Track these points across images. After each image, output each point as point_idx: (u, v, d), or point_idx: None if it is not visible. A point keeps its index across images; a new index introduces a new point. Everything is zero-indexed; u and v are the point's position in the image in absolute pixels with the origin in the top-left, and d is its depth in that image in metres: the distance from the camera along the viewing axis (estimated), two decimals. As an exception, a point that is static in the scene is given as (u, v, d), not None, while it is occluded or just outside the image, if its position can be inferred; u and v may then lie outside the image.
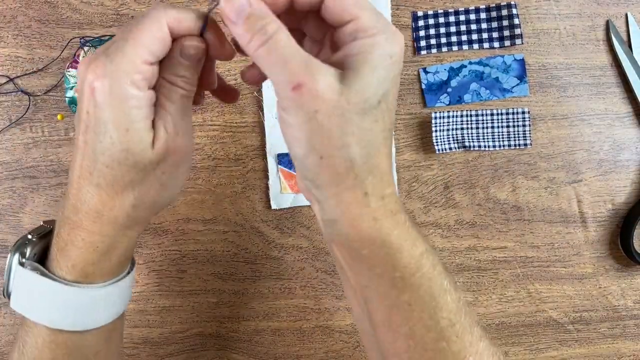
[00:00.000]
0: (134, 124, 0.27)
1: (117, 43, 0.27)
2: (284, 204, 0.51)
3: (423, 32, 0.51)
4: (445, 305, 0.29)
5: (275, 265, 0.52)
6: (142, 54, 0.26)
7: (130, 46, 0.26)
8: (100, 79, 0.26)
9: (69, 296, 0.30)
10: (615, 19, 0.51)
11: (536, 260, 0.52)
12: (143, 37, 0.26)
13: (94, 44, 0.47)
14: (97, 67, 0.26)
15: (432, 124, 0.50)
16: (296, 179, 0.31)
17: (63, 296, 0.30)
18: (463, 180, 0.52)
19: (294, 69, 0.25)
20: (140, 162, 0.28)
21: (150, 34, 0.27)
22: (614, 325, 0.52)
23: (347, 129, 0.26)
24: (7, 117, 0.50)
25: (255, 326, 0.52)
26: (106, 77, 0.26)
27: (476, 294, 0.52)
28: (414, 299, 0.29)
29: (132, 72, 0.26)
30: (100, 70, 0.26)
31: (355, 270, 0.30)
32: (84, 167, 0.29)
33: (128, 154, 0.27)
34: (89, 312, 0.31)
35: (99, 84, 0.26)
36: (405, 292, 0.29)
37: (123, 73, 0.26)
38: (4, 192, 0.50)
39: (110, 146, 0.27)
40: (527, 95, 0.51)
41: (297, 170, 0.29)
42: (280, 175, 0.51)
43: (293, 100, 0.25)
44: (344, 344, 0.52)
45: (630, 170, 0.52)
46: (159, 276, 0.52)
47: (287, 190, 0.51)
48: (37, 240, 0.31)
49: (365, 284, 0.29)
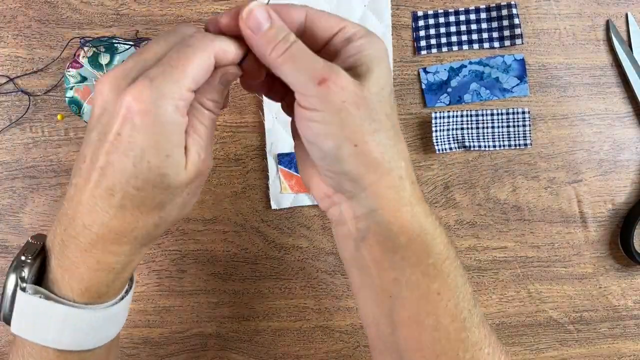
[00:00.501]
0: (174, 149, 0.27)
1: (163, 68, 0.27)
2: (284, 204, 0.51)
3: (423, 32, 0.51)
4: (466, 294, 0.31)
5: (275, 265, 0.52)
6: (188, 83, 0.27)
7: (178, 74, 0.27)
8: (144, 104, 0.26)
9: (82, 318, 0.30)
10: (615, 19, 0.51)
11: (536, 260, 0.52)
12: (191, 66, 0.27)
13: (94, 44, 0.47)
14: (141, 91, 0.26)
15: (432, 124, 0.50)
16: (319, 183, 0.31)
17: (75, 319, 0.30)
18: (463, 180, 0.52)
19: (317, 67, 0.27)
20: (174, 185, 0.28)
21: (199, 64, 0.27)
22: (614, 325, 0.52)
23: (374, 116, 0.28)
24: (7, 117, 0.50)
25: (255, 326, 0.52)
26: (151, 103, 0.26)
27: (476, 294, 0.52)
28: (443, 288, 0.30)
29: (178, 100, 0.27)
30: (145, 95, 0.26)
31: (385, 265, 0.30)
32: (102, 188, 0.28)
33: (164, 178, 0.28)
34: (100, 331, 0.31)
35: (141, 108, 0.26)
36: (436, 281, 0.30)
37: (170, 100, 0.26)
38: (4, 192, 0.51)
39: (146, 171, 0.27)
40: (527, 95, 0.51)
41: (325, 170, 0.30)
42: (280, 175, 0.51)
43: (320, 94, 0.27)
44: (344, 344, 0.52)
45: (630, 170, 0.52)
46: (159, 276, 0.52)
47: (287, 190, 0.51)
48: (32, 261, 0.30)
49: (395, 276, 0.30)
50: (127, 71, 0.27)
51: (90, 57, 0.46)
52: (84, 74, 0.47)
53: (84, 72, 0.47)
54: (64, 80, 0.47)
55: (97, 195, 0.28)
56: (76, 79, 0.47)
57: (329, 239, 0.52)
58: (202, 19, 0.51)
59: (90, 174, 0.28)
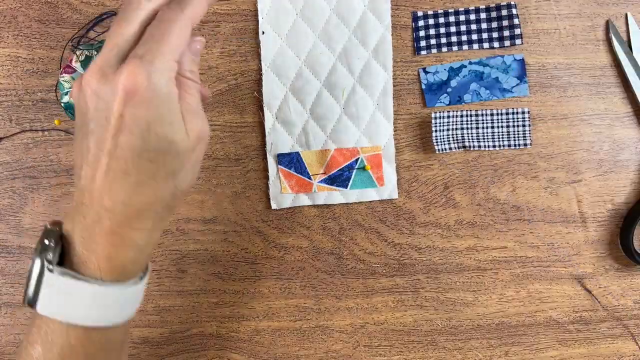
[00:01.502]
0: (175, 117, 0.30)
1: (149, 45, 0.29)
2: (284, 204, 0.51)
3: (423, 32, 0.51)
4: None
5: (275, 265, 0.52)
6: (174, 55, 0.29)
7: (163, 47, 0.29)
8: (140, 80, 0.28)
9: (109, 295, 0.31)
10: (615, 19, 0.51)
11: (536, 260, 0.52)
12: (173, 39, 0.29)
13: (86, 48, 0.47)
14: (133, 70, 0.28)
15: (432, 124, 0.50)
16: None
17: (103, 296, 0.31)
18: (463, 180, 0.52)
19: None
20: (182, 150, 0.30)
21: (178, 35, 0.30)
22: (614, 325, 0.52)
23: None
24: (7, 117, 0.50)
25: (255, 326, 0.52)
26: (146, 78, 0.28)
27: (476, 294, 0.52)
28: None
29: (169, 71, 0.29)
30: (139, 72, 0.28)
31: None
32: (115, 170, 0.29)
33: (172, 145, 0.30)
34: (125, 307, 0.33)
35: (139, 84, 0.28)
36: None
37: (163, 72, 0.29)
38: (4, 192, 0.51)
39: (155, 142, 0.29)
40: (527, 95, 0.51)
41: None
42: (280, 175, 0.51)
43: None
44: (344, 344, 0.52)
45: (630, 170, 0.52)
46: (159, 276, 0.52)
47: (287, 190, 0.51)
48: (54, 245, 0.31)
49: None
50: (106, 60, 0.29)
51: (83, 61, 0.46)
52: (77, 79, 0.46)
53: (77, 77, 0.46)
54: (58, 86, 0.47)
55: (111, 178, 0.29)
56: (70, 84, 0.46)
57: (329, 239, 0.52)
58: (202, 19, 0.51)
59: (99, 161, 0.29)
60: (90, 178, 0.30)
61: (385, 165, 0.50)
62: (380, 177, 0.50)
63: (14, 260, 0.51)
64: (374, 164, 0.50)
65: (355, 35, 0.50)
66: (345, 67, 0.50)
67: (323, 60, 0.50)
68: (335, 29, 0.50)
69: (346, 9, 0.50)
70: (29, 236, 0.51)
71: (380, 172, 0.50)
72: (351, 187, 0.50)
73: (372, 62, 0.50)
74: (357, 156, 0.50)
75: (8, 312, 0.51)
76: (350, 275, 0.52)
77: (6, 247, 0.51)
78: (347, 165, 0.49)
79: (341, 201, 0.50)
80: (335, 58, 0.50)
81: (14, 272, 0.51)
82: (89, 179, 0.30)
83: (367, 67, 0.50)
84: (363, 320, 0.52)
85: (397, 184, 0.51)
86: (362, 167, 0.49)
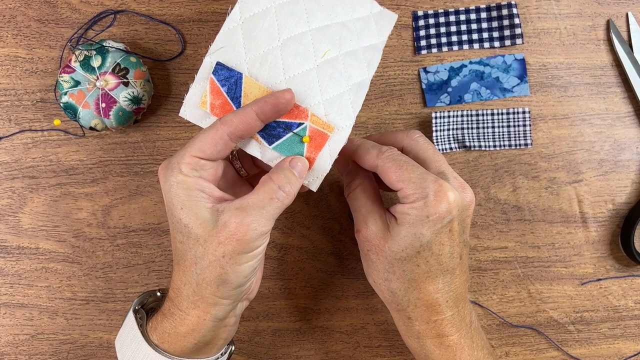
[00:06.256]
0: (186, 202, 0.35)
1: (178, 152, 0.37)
2: (192, 118, 0.40)
3: (423, 31, 0.51)
4: None
5: (275, 265, 0.52)
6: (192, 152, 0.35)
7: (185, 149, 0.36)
8: (160, 175, 0.36)
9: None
10: (615, 19, 0.51)
11: (537, 261, 0.52)
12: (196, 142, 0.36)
13: (85, 48, 0.47)
14: (159, 170, 0.36)
15: (433, 123, 0.50)
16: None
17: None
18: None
19: (358, 218, 0.39)
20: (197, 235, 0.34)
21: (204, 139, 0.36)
22: (614, 326, 0.52)
23: (390, 268, 0.37)
24: (7, 117, 0.50)
25: (255, 326, 0.52)
26: (162, 174, 0.36)
27: (477, 294, 0.52)
28: None
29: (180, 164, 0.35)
30: (160, 170, 0.36)
31: None
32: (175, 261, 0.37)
33: (186, 228, 0.35)
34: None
35: (160, 178, 0.36)
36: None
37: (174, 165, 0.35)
38: (4, 192, 0.50)
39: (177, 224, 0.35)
40: (528, 95, 0.51)
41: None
42: (208, 87, 0.40)
43: (357, 240, 0.40)
44: (344, 344, 0.52)
45: (630, 170, 0.52)
46: (159, 276, 0.51)
47: (206, 108, 0.40)
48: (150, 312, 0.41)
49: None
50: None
51: (82, 61, 0.46)
52: (76, 78, 0.46)
53: (76, 77, 0.46)
54: (57, 86, 0.47)
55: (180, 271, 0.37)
56: (69, 83, 0.46)
57: (329, 239, 0.52)
58: (202, 19, 0.51)
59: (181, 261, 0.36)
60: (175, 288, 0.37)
61: (324, 151, 0.40)
62: (312, 160, 0.40)
63: (13, 261, 0.51)
64: (315, 142, 0.39)
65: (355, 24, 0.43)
66: (337, 34, 0.42)
67: (320, 15, 0.41)
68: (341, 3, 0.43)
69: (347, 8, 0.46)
70: (27, 236, 0.51)
71: (315, 154, 0.39)
72: (274, 148, 0.39)
73: (360, 54, 0.43)
74: (303, 120, 0.40)
75: (8, 312, 0.51)
76: (350, 275, 0.52)
77: (5, 247, 0.51)
78: (286, 123, 0.39)
79: (255, 154, 0.40)
80: (332, 20, 0.42)
81: (13, 273, 0.51)
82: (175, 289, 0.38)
83: (355, 53, 0.42)
84: (363, 321, 0.52)
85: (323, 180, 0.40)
86: (301, 136, 0.39)
